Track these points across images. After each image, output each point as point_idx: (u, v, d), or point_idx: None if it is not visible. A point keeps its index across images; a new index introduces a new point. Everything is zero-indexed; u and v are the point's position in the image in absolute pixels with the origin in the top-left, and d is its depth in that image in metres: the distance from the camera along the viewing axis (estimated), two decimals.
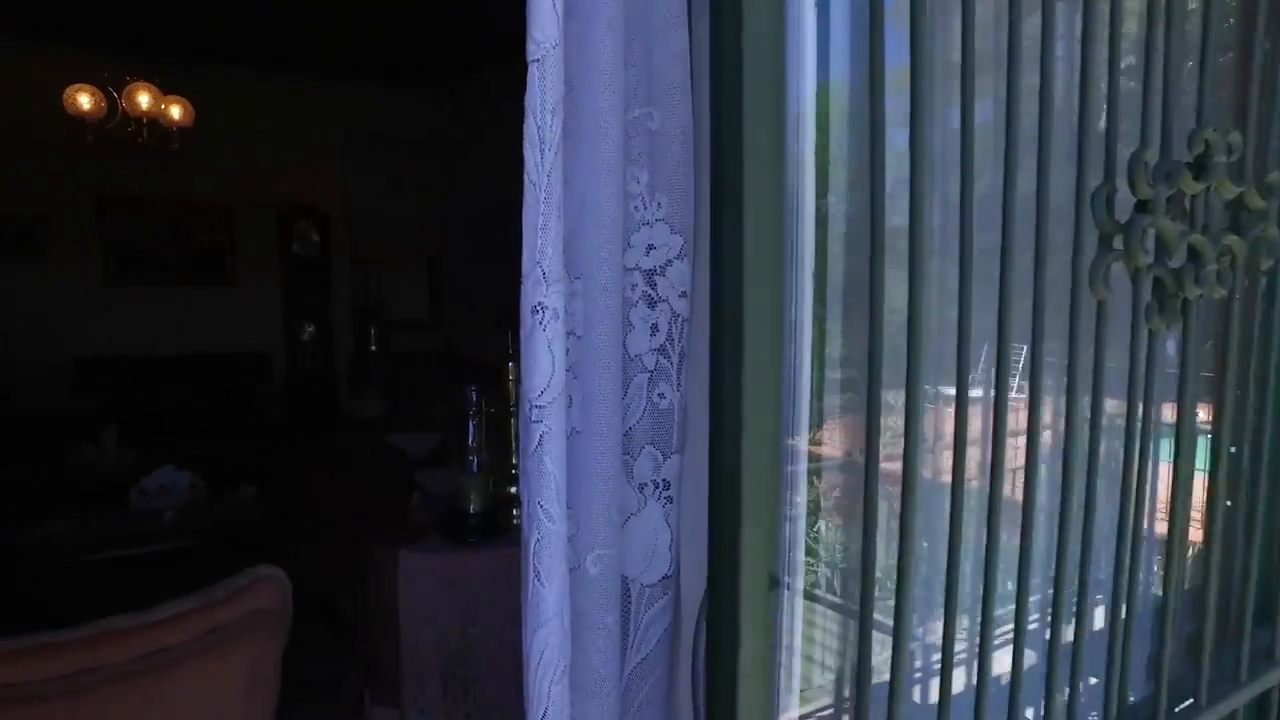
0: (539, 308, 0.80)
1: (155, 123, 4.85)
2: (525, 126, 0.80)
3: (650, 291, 0.93)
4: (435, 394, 5.75)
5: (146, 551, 3.83)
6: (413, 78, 7.86)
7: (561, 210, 0.80)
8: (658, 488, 0.96)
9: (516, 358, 2.94)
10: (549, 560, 0.84)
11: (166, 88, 4.91)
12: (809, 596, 1.25)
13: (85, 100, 4.64)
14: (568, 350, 0.87)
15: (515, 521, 2.91)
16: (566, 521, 0.86)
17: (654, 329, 0.93)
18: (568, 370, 0.86)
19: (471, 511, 2.79)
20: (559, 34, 0.80)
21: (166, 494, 3.97)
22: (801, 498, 1.13)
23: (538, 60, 0.78)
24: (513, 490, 2.90)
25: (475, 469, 2.84)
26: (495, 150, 7.45)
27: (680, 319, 0.93)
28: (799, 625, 1.13)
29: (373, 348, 7.55)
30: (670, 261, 0.92)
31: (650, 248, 0.92)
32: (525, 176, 0.81)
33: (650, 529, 0.97)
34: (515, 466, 2.91)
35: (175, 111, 4.92)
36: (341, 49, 6.85)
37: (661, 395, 0.94)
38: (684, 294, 0.93)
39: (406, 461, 4.76)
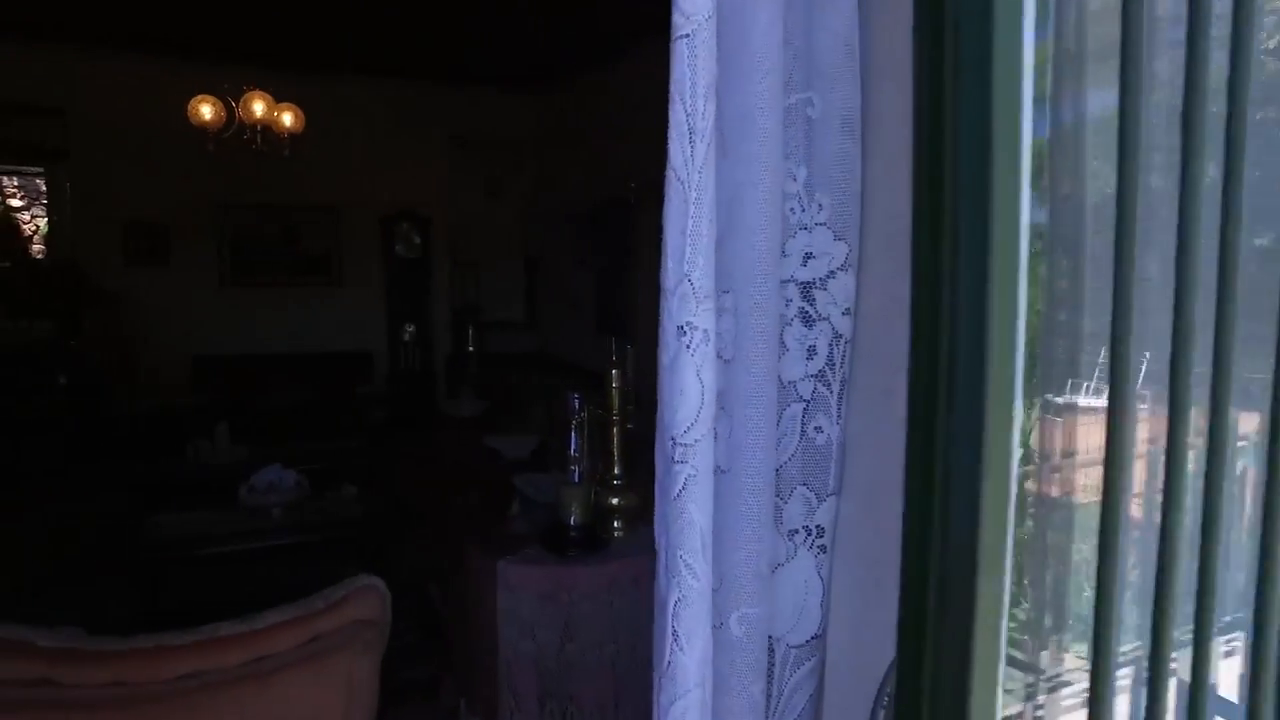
0: (686, 328, 0.67)
1: (268, 130, 4.99)
2: (671, 114, 0.68)
3: (808, 308, 0.79)
4: (532, 395, 5.75)
5: (255, 547, 3.92)
6: (512, 81, 7.92)
7: (714, 213, 0.68)
8: (809, 535, 0.83)
9: (621, 364, 2.84)
10: (691, 622, 0.72)
11: (279, 96, 5.06)
12: None
13: (207, 111, 4.82)
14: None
15: (617, 534, 2.82)
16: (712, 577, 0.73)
17: (811, 352, 0.79)
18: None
19: (572, 524, 2.70)
20: (712, 4, 0.67)
21: (274, 491, 4.05)
22: None
23: (686, 36, 0.66)
24: (614, 501, 2.80)
25: (576, 479, 2.75)
26: (593, 151, 7.43)
27: (842, 340, 0.79)
28: None
29: (470, 348, 7.64)
30: (832, 273, 0.78)
31: (808, 256, 0.79)
32: (669, 173, 0.69)
33: (799, 582, 0.84)
34: (617, 477, 2.82)
35: (287, 119, 5.06)
36: (443, 55, 6.95)
37: (818, 429, 0.80)
38: (847, 311, 0.79)
39: (504, 464, 4.74)
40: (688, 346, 0.67)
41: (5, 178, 10.82)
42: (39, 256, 10.83)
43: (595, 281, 7.39)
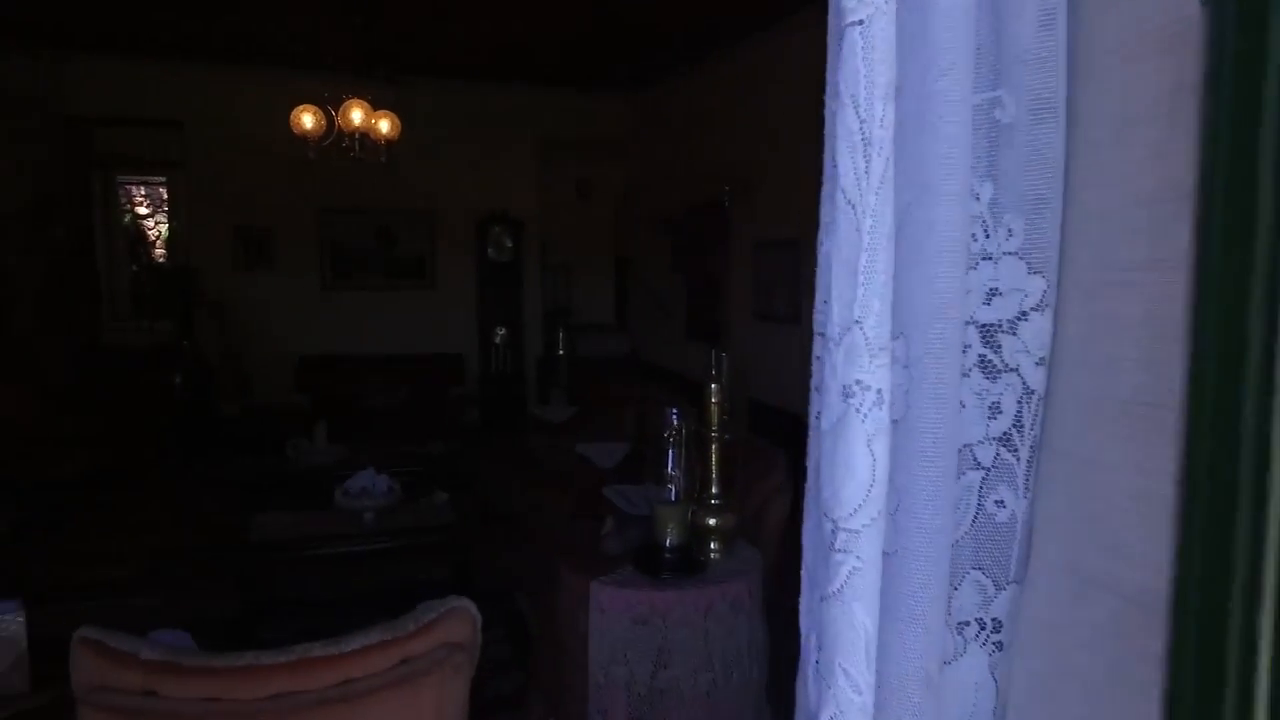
0: (856, 387, 0.54)
1: (366, 137, 5.07)
2: (837, 120, 0.55)
3: (990, 355, 0.65)
4: (623, 401, 5.67)
5: (350, 551, 3.96)
6: (604, 82, 7.88)
7: (892, 245, 0.54)
8: (983, 629, 0.68)
9: (719, 377, 2.71)
10: None
11: (377, 103, 5.13)
12: None
13: (308, 120, 4.93)
14: None
15: (713, 555, 2.69)
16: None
17: (994, 410, 0.65)
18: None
19: (668, 545, 2.59)
20: None
21: (367, 495, 4.09)
22: None
23: (860, 22, 0.53)
24: (712, 522, 2.67)
25: (673, 498, 2.64)
26: (685, 152, 7.30)
27: (1034, 396, 0.64)
28: None
29: (560, 351, 7.64)
30: (1024, 313, 0.64)
31: (993, 293, 0.64)
32: (834, 194, 0.55)
33: (968, 684, 0.69)
34: (715, 496, 2.69)
35: (384, 126, 5.13)
36: (535, 57, 6.95)
37: (999, 503, 0.66)
38: (1042, 361, 0.64)
39: (594, 471, 4.68)
40: (857, 410, 0.54)
41: (134, 187, 11.54)
42: (161, 260, 11.50)
43: (686, 285, 7.27)
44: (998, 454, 0.65)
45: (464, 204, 7.84)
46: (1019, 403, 0.64)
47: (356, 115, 4.88)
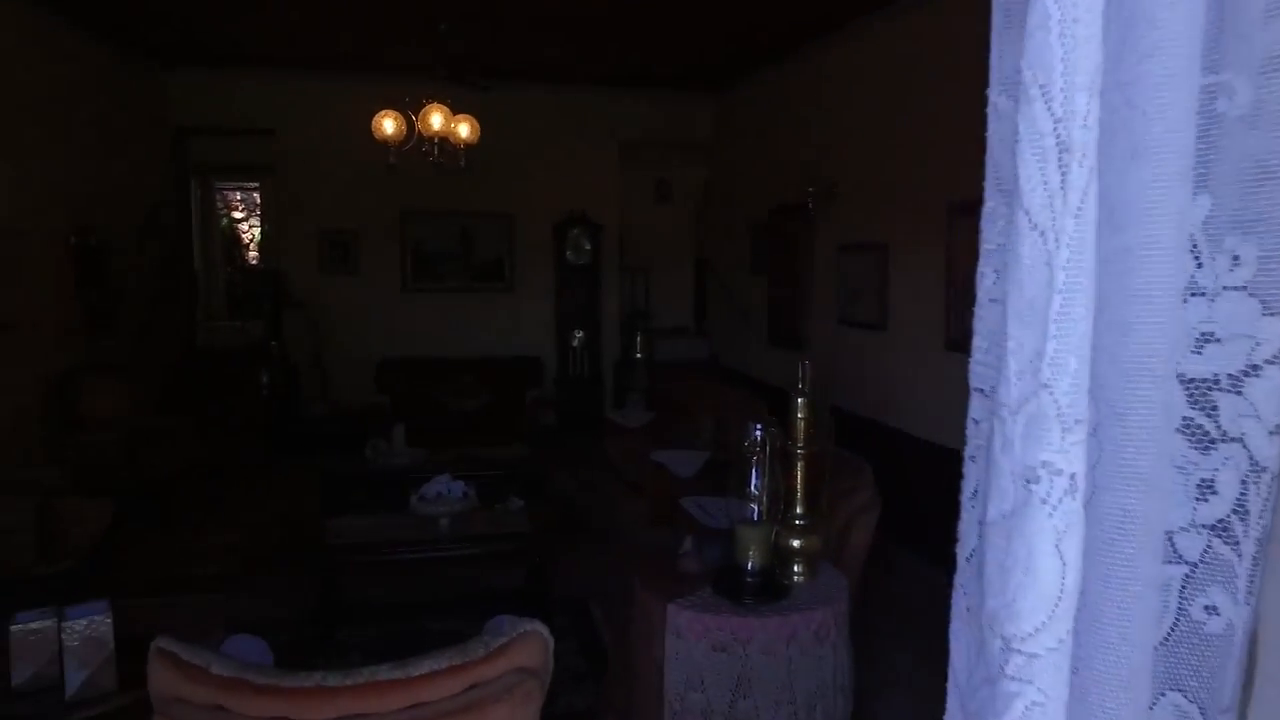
0: (1042, 472, 0.41)
1: (445, 142, 5.07)
2: (1019, 117, 0.42)
3: (1202, 420, 0.50)
4: (701, 407, 5.53)
5: (425, 557, 3.94)
6: (685, 82, 7.75)
7: (1094, 285, 0.41)
8: None
9: (804, 390, 2.55)
10: None
11: (457, 107, 5.13)
12: None
13: (389, 125, 4.97)
14: None
15: (797, 579, 2.54)
16: None
17: (1205, 489, 0.50)
18: None
19: (749, 568, 2.45)
20: None
21: (443, 501, 4.07)
22: None
23: None
24: (796, 544, 2.52)
25: (755, 517, 2.50)
26: (768, 152, 7.11)
27: (1266, 475, 0.50)
28: None
29: (638, 354, 7.54)
30: (1254, 367, 0.49)
31: (1207, 339, 0.50)
32: (1015, 214, 0.42)
33: None
34: (799, 516, 2.53)
35: (464, 130, 5.12)
36: (615, 57, 6.87)
37: (1211, 609, 0.51)
38: (1277, 430, 0.49)
39: (672, 480, 4.56)
40: (1043, 501, 0.41)
41: (230, 192, 12.05)
42: (254, 262, 11.97)
43: (768, 288, 7.08)
44: (1209, 545, 0.51)
45: (543, 207, 7.84)
46: (1243, 482, 0.49)
47: (436, 120, 4.89)
